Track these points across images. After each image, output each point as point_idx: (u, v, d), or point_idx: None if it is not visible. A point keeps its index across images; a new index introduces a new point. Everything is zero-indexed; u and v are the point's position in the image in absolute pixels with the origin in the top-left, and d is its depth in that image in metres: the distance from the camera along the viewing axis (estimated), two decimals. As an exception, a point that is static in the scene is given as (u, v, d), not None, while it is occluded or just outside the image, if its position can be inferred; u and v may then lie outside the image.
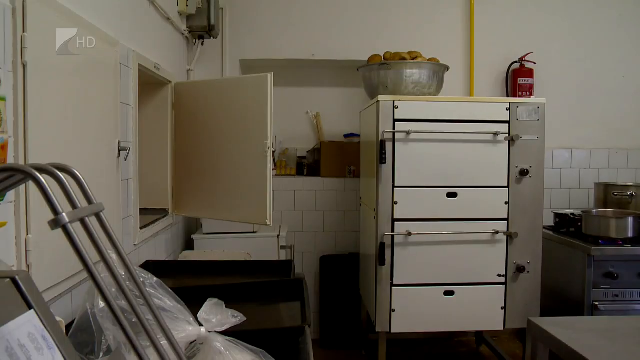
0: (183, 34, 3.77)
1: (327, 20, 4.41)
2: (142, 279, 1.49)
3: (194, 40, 4.03)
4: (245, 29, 4.36)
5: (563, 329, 2.07)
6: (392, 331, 3.41)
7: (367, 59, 3.92)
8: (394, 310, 3.39)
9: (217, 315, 1.59)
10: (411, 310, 3.41)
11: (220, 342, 1.55)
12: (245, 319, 1.64)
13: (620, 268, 3.57)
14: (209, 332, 1.56)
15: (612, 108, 4.63)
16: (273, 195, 2.99)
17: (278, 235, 3.77)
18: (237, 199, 3.11)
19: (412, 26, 4.45)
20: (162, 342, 1.04)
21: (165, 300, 1.51)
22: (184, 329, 1.52)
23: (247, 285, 2.44)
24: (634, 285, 3.58)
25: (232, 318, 1.60)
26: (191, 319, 1.55)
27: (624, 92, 4.65)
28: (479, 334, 4.41)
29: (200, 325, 1.56)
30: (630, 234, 3.62)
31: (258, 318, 2.15)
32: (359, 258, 4.24)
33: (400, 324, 3.41)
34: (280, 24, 4.39)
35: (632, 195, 4.01)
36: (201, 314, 1.59)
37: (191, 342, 1.57)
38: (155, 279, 1.55)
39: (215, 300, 1.64)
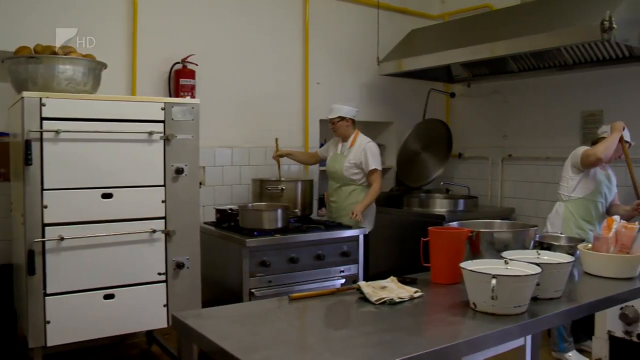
0: None
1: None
2: None
3: None
4: None
5: (203, 319, 2.15)
6: (49, 345, 3.19)
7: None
8: (49, 322, 3.17)
9: None
10: (70, 320, 3.24)
11: None
12: None
13: (273, 256, 3.89)
14: None
15: (267, 110, 5.04)
16: None
17: None
18: None
19: (73, 21, 4.19)
20: None
21: None
22: None
23: None
24: (284, 270, 3.95)
25: None
26: None
27: (277, 96, 5.10)
28: (149, 334, 4.40)
29: None
30: (279, 225, 3.98)
31: None
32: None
33: (58, 336, 3.22)
34: None
35: (282, 189, 4.42)
36: None
37: None
38: None
39: None
